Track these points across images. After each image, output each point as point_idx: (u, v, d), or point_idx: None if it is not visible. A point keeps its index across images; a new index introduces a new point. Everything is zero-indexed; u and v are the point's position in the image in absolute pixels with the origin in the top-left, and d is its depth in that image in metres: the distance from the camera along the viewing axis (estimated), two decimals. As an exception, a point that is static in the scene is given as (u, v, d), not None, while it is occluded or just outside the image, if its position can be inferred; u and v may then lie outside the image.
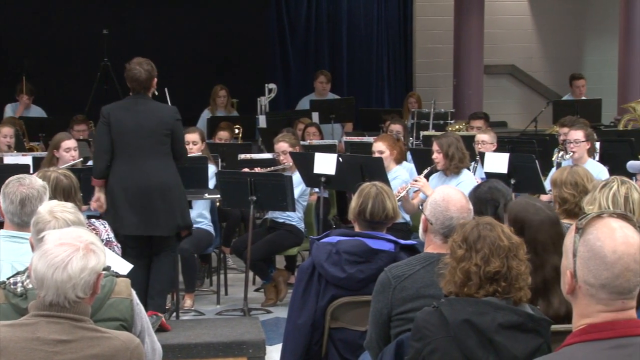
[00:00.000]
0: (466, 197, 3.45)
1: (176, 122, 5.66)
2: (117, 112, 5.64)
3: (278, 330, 5.96)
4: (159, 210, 5.56)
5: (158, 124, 5.57)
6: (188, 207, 5.90)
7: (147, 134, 5.55)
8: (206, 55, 12.55)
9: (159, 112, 5.63)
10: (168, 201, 5.58)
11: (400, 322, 3.20)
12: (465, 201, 3.38)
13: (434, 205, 3.35)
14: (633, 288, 1.92)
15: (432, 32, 13.57)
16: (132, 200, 5.54)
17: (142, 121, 5.56)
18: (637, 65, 11.03)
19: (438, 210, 3.32)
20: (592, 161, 6.65)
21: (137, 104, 5.63)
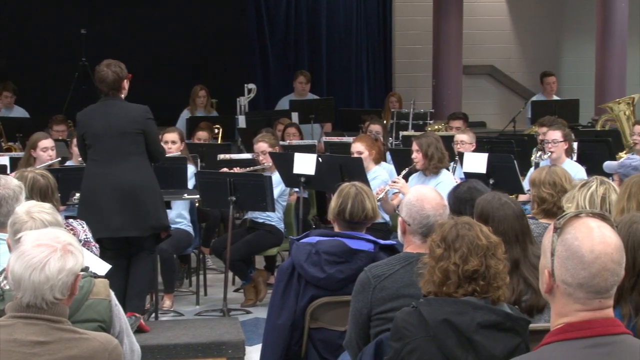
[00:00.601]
0: (439, 194, 3.47)
1: (147, 121, 5.58)
2: (90, 115, 5.62)
3: (257, 330, 5.95)
4: (132, 212, 5.49)
5: (128, 123, 5.51)
6: (164, 208, 5.83)
7: (118, 135, 5.49)
8: (185, 56, 12.51)
9: (129, 112, 5.57)
10: (141, 202, 5.52)
11: (380, 322, 3.21)
12: (439, 198, 3.40)
13: (409, 206, 3.37)
14: (610, 287, 1.93)
15: (411, 33, 13.61)
16: (105, 203, 5.47)
17: (112, 122, 5.50)
18: (614, 66, 11.13)
19: (414, 211, 3.34)
20: (569, 161, 6.69)
21: (106, 105, 5.58)
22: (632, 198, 3.47)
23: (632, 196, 3.48)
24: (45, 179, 4.24)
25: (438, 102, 11.71)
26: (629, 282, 2.58)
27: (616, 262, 1.92)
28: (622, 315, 2.54)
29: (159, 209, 5.68)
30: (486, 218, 3.38)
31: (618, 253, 1.93)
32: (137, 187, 5.52)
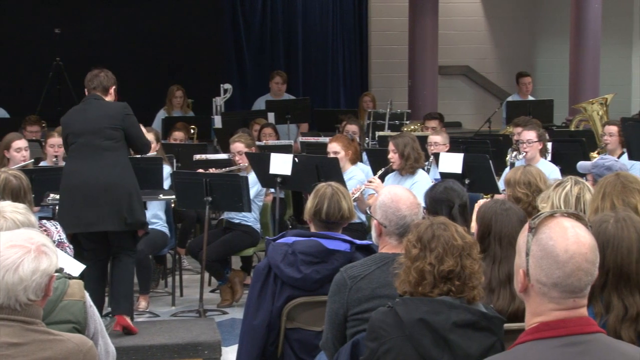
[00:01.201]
0: (412, 193, 3.48)
1: (126, 117, 5.61)
2: (71, 114, 5.71)
3: (234, 331, 5.94)
4: (106, 207, 5.50)
5: (104, 119, 5.55)
6: (141, 205, 5.81)
7: (94, 131, 5.53)
8: (161, 56, 12.46)
9: (107, 109, 5.62)
10: (115, 198, 5.52)
11: (356, 323, 3.21)
12: (412, 197, 3.41)
13: (384, 207, 3.37)
14: (584, 287, 1.94)
15: (387, 33, 13.65)
16: (81, 198, 5.49)
17: (89, 118, 5.57)
18: (588, 67, 11.21)
19: (389, 212, 3.34)
20: (544, 161, 6.74)
21: (86, 104, 5.67)
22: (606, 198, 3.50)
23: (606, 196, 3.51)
24: (17, 179, 4.20)
25: (414, 102, 11.75)
26: (599, 281, 2.60)
27: (590, 262, 1.93)
28: (595, 314, 2.56)
29: (134, 205, 5.64)
30: (489, 220, 3.39)
31: (592, 253, 1.94)
32: (111, 184, 5.52)
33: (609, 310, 2.56)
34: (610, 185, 3.51)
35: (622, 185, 3.49)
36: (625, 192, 3.47)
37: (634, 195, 3.46)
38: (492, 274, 3.25)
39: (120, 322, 5.48)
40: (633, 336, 2.50)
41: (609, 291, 2.59)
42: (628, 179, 3.53)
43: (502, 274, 3.21)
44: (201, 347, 5.47)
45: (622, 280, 2.59)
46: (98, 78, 5.66)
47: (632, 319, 2.53)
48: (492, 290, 3.20)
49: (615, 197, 3.47)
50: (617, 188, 3.48)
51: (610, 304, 2.57)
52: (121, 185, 5.57)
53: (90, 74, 5.72)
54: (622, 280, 2.59)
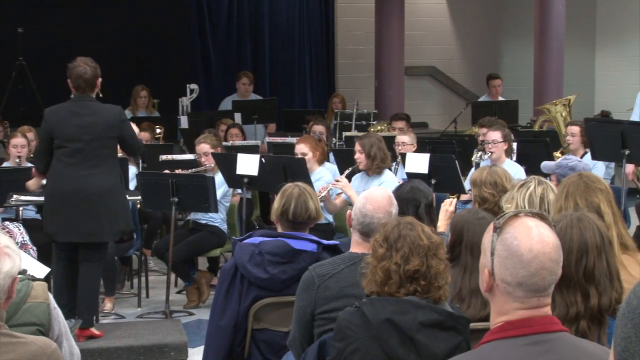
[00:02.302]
0: (390, 199, 3.47)
1: (123, 124, 5.48)
2: (61, 115, 5.40)
3: (200, 332, 5.91)
4: (103, 217, 5.37)
5: (104, 128, 5.37)
6: (130, 211, 5.77)
7: (92, 139, 5.34)
8: (126, 55, 12.38)
9: (105, 116, 5.40)
10: (112, 206, 5.41)
11: (324, 322, 3.21)
12: (386, 202, 3.41)
13: (357, 202, 3.44)
14: (548, 286, 1.96)
15: (353, 34, 13.68)
16: (68, 206, 5.33)
17: (86, 124, 5.34)
18: (552, 68, 11.33)
19: (357, 207, 3.39)
20: (509, 161, 6.79)
21: (80, 106, 5.39)
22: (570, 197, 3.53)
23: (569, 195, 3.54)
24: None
25: (381, 102, 11.79)
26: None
27: (554, 261, 1.95)
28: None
29: (128, 212, 5.63)
30: (461, 229, 3.39)
31: (556, 252, 1.96)
32: (108, 192, 5.40)
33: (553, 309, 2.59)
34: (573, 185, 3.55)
35: (585, 185, 3.52)
36: (588, 192, 3.51)
37: (597, 195, 3.50)
38: (463, 283, 3.25)
39: (84, 334, 5.41)
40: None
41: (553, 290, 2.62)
42: (591, 179, 3.57)
43: (472, 283, 3.20)
44: (167, 349, 5.44)
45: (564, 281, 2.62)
46: (84, 77, 5.36)
47: (572, 319, 2.56)
48: (463, 299, 3.20)
49: (578, 197, 3.50)
50: (580, 188, 3.52)
51: (554, 302, 2.59)
52: (117, 194, 5.49)
53: (76, 71, 5.39)
54: (564, 281, 2.62)
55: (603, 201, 3.48)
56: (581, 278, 2.63)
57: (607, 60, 13.87)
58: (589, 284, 2.63)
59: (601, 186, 3.54)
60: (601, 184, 3.56)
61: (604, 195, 3.50)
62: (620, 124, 6.54)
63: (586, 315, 2.57)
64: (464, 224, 3.37)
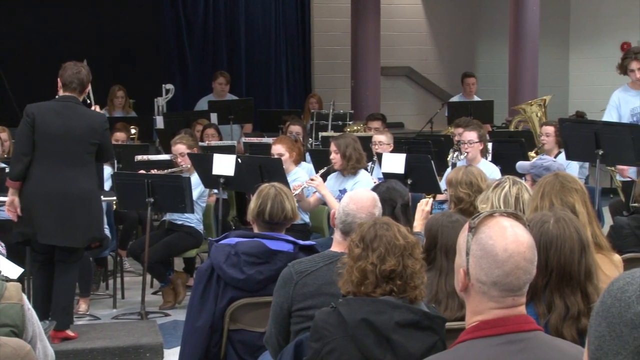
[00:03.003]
0: (374, 201, 3.47)
1: (105, 132, 5.46)
2: (45, 114, 5.30)
3: (176, 333, 5.89)
4: (78, 220, 5.32)
5: (88, 132, 5.32)
6: (103, 219, 5.73)
7: (76, 141, 5.29)
8: (101, 55, 12.28)
9: (90, 120, 5.36)
10: (88, 211, 5.36)
11: (301, 319, 3.22)
12: (369, 203, 3.42)
13: (342, 200, 3.46)
14: (523, 285, 1.97)
15: (329, 34, 13.70)
16: (51, 208, 5.26)
17: (72, 127, 5.28)
18: (527, 68, 11.41)
19: (342, 205, 3.40)
20: (485, 161, 6.83)
21: (67, 107, 5.32)
22: (545, 197, 3.56)
23: (545, 195, 3.57)
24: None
25: (357, 103, 11.81)
26: (542, 281, 2.64)
27: (529, 261, 1.96)
28: (538, 314, 2.60)
29: (101, 219, 5.61)
30: (435, 232, 3.40)
31: (530, 252, 1.97)
32: (90, 196, 5.37)
33: (551, 310, 2.60)
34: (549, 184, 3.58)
35: (561, 184, 3.55)
36: (564, 192, 3.54)
37: (572, 195, 3.53)
38: (439, 286, 3.25)
39: (59, 335, 5.37)
40: (575, 334, 2.54)
41: (551, 291, 2.63)
42: (567, 179, 3.60)
43: (448, 286, 3.20)
44: (143, 350, 5.41)
45: (565, 280, 2.63)
46: (79, 76, 5.32)
47: (574, 318, 2.57)
48: (439, 302, 3.20)
49: (553, 196, 3.53)
50: (555, 187, 3.55)
51: (553, 304, 2.60)
52: (97, 199, 5.47)
53: (71, 69, 5.33)
54: (565, 280, 2.63)
55: (578, 201, 3.52)
56: (583, 276, 2.64)
57: (581, 61, 14.00)
58: (589, 281, 2.65)
59: (577, 186, 3.57)
60: (577, 184, 3.60)
61: (579, 195, 3.54)
62: (593, 124, 6.59)
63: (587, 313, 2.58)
64: (438, 227, 3.38)
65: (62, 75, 5.37)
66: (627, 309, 1.33)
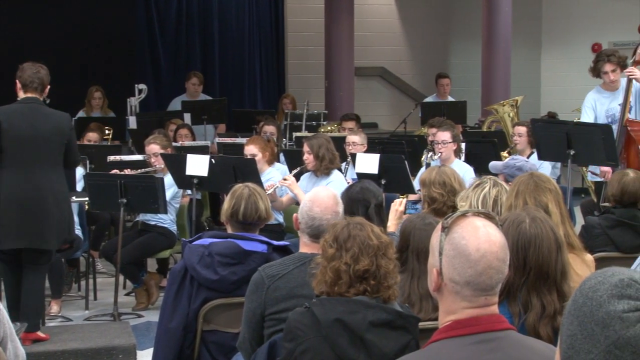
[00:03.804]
0: (336, 199, 3.48)
1: (72, 132, 5.43)
2: (11, 117, 5.22)
3: (149, 334, 5.86)
4: (51, 222, 5.27)
5: (56, 133, 5.27)
6: (73, 220, 5.68)
7: (43, 143, 5.23)
8: (72, 55, 12.20)
9: (56, 121, 5.31)
10: (60, 213, 5.32)
11: (274, 322, 3.21)
12: (332, 203, 3.42)
13: (303, 204, 3.43)
14: (495, 285, 1.98)
15: (303, 34, 13.70)
16: (22, 212, 5.19)
17: (39, 129, 5.22)
18: (499, 69, 11.48)
19: (304, 210, 3.38)
20: (458, 161, 6.86)
21: (32, 109, 5.26)
22: (519, 196, 3.59)
23: (519, 194, 3.60)
24: None
25: (331, 103, 11.82)
26: (519, 280, 2.65)
27: (501, 260, 1.97)
28: (512, 313, 2.61)
29: (72, 220, 5.55)
30: (408, 235, 3.40)
31: (503, 251, 1.98)
32: (59, 197, 5.31)
33: (528, 309, 2.61)
34: (523, 184, 3.61)
35: (535, 184, 3.58)
36: (538, 191, 3.57)
37: (546, 195, 3.56)
38: (411, 289, 3.26)
39: (30, 337, 5.32)
40: (550, 333, 2.56)
41: (527, 291, 2.64)
42: (541, 179, 3.63)
43: (421, 288, 3.20)
44: (115, 351, 5.37)
45: (542, 279, 2.65)
46: (39, 75, 5.28)
47: (550, 317, 2.59)
48: (412, 305, 3.21)
49: (527, 196, 3.56)
50: (529, 187, 3.58)
51: (529, 303, 2.62)
52: (65, 200, 5.40)
53: (30, 69, 5.30)
54: (542, 279, 2.65)
55: (551, 201, 3.55)
56: (559, 274, 2.66)
57: (553, 62, 14.11)
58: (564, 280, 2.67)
59: (551, 186, 3.61)
60: (551, 184, 3.63)
61: (553, 195, 3.57)
62: (565, 124, 6.65)
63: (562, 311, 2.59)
64: (411, 230, 3.38)
65: (20, 76, 5.33)
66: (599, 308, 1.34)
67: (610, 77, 6.76)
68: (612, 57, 6.73)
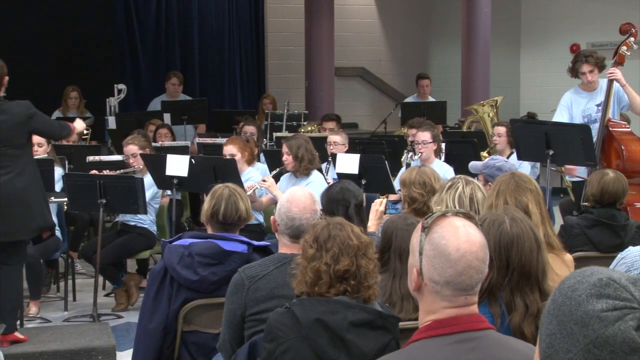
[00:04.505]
0: (312, 197, 3.48)
1: (31, 120, 5.31)
2: None
3: (129, 335, 5.83)
4: (20, 216, 5.23)
5: (13, 129, 5.22)
6: (48, 206, 5.61)
7: (4, 140, 5.20)
8: (51, 54, 12.13)
9: (14, 114, 5.24)
10: (28, 204, 5.27)
11: (254, 323, 3.20)
12: (309, 202, 3.42)
13: (280, 206, 3.42)
14: (475, 284, 1.99)
15: (283, 34, 13.69)
16: None
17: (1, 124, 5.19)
18: (479, 69, 11.53)
19: (282, 211, 3.37)
20: (438, 161, 6.89)
21: None
22: (500, 195, 3.61)
23: (500, 194, 3.61)
24: None
25: (311, 103, 11.83)
26: (502, 281, 2.66)
27: (481, 260, 1.98)
28: (493, 314, 2.62)
29: (44, 208, 5.46)
30: (390, 235, 3.40)
31: (482, 251, 1.99)
32: (23, 191, 5.25)
33: (511, 310, 2.62)
34: (504, 183, 3.62)
35: (516, 184, 3.60)
36: (518, 191, 3.59)
37: (526, 195, 3.58)
38: (393, 289, 3.26)
39: (7, 339, 5.28)
40: (534, 331, 2.56)
41: (510, 291, 2.65)
42: (522, 179, 3.65)
43: (402, 288, 3.20)
44: (95, 353, 5.35)
45: (524, 279, 2.66)
46: None
47: (533, 316, 2.60)
48: (394, 305, 3.21)
49: (508, 196, 3.58)
50: (510, 187, 3.60)
51: (513, 303, 2.62)
52: (33, 191, 5.33)
53: None
54: (524, 279, 2.66)
55: (531, 201, 3.57)
56: (540, 274, 2.67)
57: (532, 62, 14.19)
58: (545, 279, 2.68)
59: (531, 186, 3.62)
60: (531, 184, 3.65)
61: (533, 196, 3.59)
62: (544, 124, 6.68)
63: None
64: (393, 230, 3.39)
65: None
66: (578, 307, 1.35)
67: (587, 78, 6.80)
68: (590, 57, 6.77)
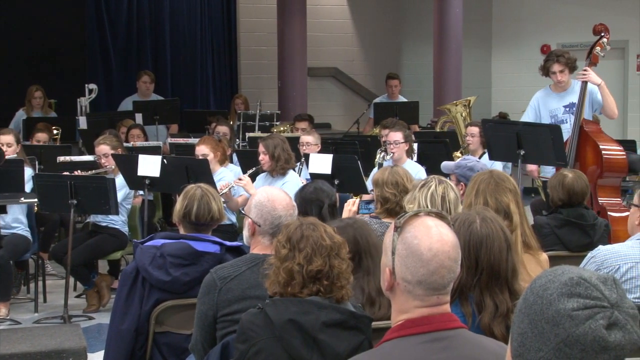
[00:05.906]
0: (288, 194, 3.49)
1: None
2: None
3: (100, 336, 5.79)
4: None
5: None
6: None
7: None
8: (20, 53, 12.01)
9: None
10: None
11: (226, 324, 3.19)
12: (289, 199, 3.44)
13: (260, 207, 3.37)
14: (447, 284, 2.00)
15: (256, 34, 13.66)
16: None
17: None
18: (451, 69, 11.58)
19: (265, 211, 3.35)
20: (410, 161, 6.91)
21: None
22: (480, 195, 3.61)
23: (479, 193, 3.62)
24: None
25: (284, 103, 11.81)
26: (472, 281, 2.67)
27: (453, 260, 1.99)
28: (464, 313, 2.63)
29: None
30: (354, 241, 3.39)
31: (455, 251, 2.00)
32: None
33: (482, 309, 2.63)
34: (484, 182, 3.63)
35: (495, 183, 3.61)
36: (498, 191, 3.59)
37: (506, 194, 3.59)
38: (370, 286, 3.26)
39: None
40: (504, 331, 2.58)
41: (480, 291, 2.66)
42: (501, 178, 3.66)
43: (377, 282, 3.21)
44: (66, 354, 5.29)
45: (494, 279, 2.67)
46: None
47: (503, 315, 2.61)
48: (373, 302, 3.21)
49: (488, 195, 3.58)
50: (490, 186, 3.60)
51: (483, 303, 2.64)
52: None
53: None
54: (494, 279, 2.67)
55: (512, 201, 3.58)
56: (510, 274, 2.68)
57: (503, 63, 14.28)
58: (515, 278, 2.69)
59: (510, 186, 3.63)
60: (510, 183, 3.65)
61: (513, 195, 3.60)
62: (515, 125, 6.72)
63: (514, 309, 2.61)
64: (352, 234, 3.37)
65: None
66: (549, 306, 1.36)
67: (557, 78, 6.85)
68: (561, 57, 6.82)
